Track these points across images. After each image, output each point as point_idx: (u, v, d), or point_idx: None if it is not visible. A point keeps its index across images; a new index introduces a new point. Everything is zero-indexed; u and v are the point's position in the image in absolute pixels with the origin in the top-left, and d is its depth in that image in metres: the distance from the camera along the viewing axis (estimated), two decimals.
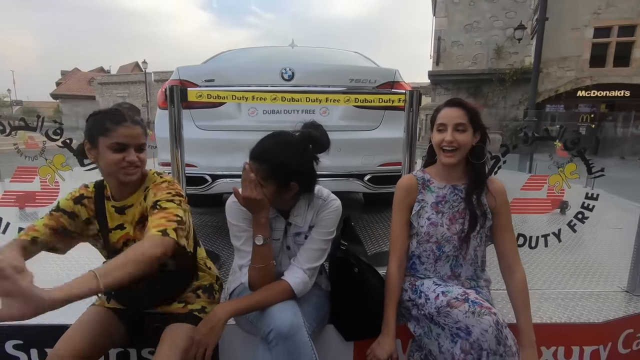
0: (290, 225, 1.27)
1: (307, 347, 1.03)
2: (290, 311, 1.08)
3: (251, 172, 1.12)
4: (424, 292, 1.24)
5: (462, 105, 1.26)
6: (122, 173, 1.10)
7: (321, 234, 1.23)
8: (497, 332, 1.01)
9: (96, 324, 1.14)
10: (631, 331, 1.51)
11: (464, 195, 1.31)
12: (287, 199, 1.19)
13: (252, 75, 2.20)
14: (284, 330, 1.02)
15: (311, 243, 1.23)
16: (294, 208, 1.25)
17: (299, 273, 1.18)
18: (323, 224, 1.24)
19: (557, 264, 2.00)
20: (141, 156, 1.13)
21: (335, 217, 1.26)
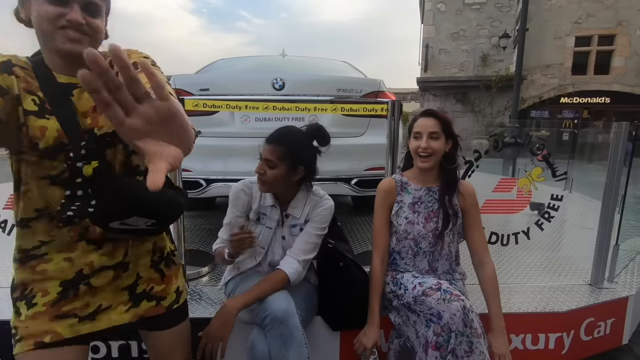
0: (288, 217, 1.40)
1: (299, 332, 1.15)
2: (284, 299, 1.20)
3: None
4: (403, 283, 1.37)
5: (435, 116, 1.41)
6: (60, 36, 0.78)
7: (315, 229, 1.37)
8: (464, 315, 1.14)
9: None
10: (592, 319, 1.66)
11: (437, 196, 1.45)
12: (292, 182, 1.35)
13: (245, 85, 2.32)
14: (278, 315, 1.14)
15: (306, 236, 1.36)
16: (293, 200, 1.39)
17: (294, 264, 1.31)
18: (317, 219, 1.38)
19: (530, 261, 2.16)
20: (92, 21, 0.81)
21: (328, 214, 1.41)
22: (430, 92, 17.55)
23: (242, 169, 1.91)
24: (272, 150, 1.28)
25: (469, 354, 1.12)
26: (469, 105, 16.89)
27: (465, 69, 16.81)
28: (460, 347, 1.12)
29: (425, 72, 17.34)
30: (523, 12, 7.22)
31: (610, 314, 1.71)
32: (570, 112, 18.01)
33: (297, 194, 1.41)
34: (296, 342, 1.13)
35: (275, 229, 1.40)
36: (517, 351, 1.57)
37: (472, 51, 16.54)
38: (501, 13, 15.95)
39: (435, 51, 17.05)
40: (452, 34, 16.72)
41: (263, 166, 1.30)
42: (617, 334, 1.76)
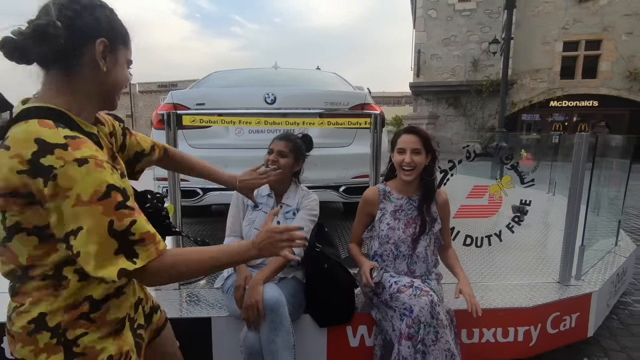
0: (282, 207, 1.66)
1: (287, 321, 1.32)
2: (276, 292, 1.37)
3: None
4: (382, 283, 1.52)
5: (417, 133, 1.57)
6: (116, 99, 0.88)
7: (307, 214, 1.68)
8: (431, 308, 1.29)
9: None
10: (558, 314, 1.81)
11: (417, 204, 1.61)
12: (291, 174, 1.71)
13: (239, 99, 2.47)
14: (270, 303, 1.31)
15: (299, 220, 1.65)
16: (286, 192, 1.72)
17: None
18: (307, 207, 1.70)
19: (506, 262, 2.32)
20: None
21: (316, 204, 1.74)
22: (423, 97, 17.82)
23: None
24: (285, 144, 1.65)
25: (435, 343, 1.27)
26: (460, 109, 17.17)
27: (457, 74, 17.11)
28: (428, 337, 1.27)
29: (417, 77, 17.61)
30: (507, 22, 7.44)
31: (575, 309, 1.86)
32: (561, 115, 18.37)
33: (290, 187, 1.73)
34: (284, 329, 1.29)
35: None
36: (489, 344, 1.73)
37: (463, 56, 16.85)
38: (490, 19, 16.28)
39: (427, 56, 17.33)
40: (444, 40, 17.02)
41: (277, 157, 1.64)
42: (582, 328, 1.91)
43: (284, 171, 1.62)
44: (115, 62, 0.80)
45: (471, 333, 1.72)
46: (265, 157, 1.68)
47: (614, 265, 2.29)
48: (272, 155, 1.65)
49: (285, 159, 1.65)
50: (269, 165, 1.60)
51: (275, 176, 1.43)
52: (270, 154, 1.66)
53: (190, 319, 1.64)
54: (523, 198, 1.93)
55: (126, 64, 0.85)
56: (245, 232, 1.68)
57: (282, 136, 1.71)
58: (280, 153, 1.65)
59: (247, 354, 1.33)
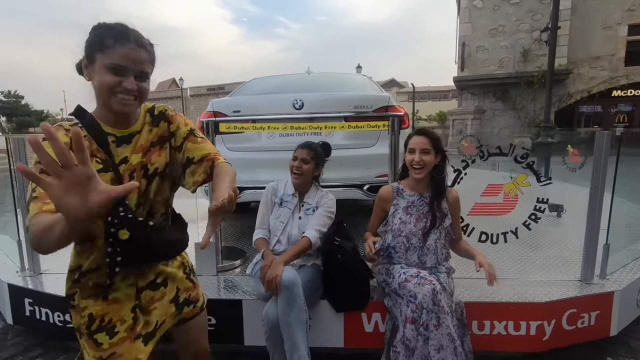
0: (303, 205, 1.93)
1: (300, 299, 1.52)
2: (293, 274, 1.59)
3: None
4: (393, 273, 1.66)
5: (426, 134, 1.70)
6: (115, 101, 0.95)
7: (325, 211, 1.89)
8: (433, 296, 1.41)
9: None
10: (574, 311, 1.83)
11: (428, 201, 1.73)
12: (312, 177, 1.95)
13: (270, 105, 2.71)
14: (286, 283, 1.52)
15: (319, 215, 1.87)
16: (307, 193, 1.96)
17: (313, 232, 1.79)
18: (325, 205, 1.91)
19: (530, 258, 2.34)
20: (142, 85, 0.97)
21: (333, 203, 1.93)
22: (468, 91, 17.18)
23: (269, 178, 2.26)
24: (307, 152, 1.90)
25: (437, 327, 1.39)
26: (509, 102, 16.32)
27: (505, 66, 16.27)
28: (431, 322, 1.40)
29: (462, 70, 17.00)
30: (554, 13, 7.03)
31: (594, 307, 1.87)
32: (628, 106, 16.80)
33: (311, 188, 1.96)
34: (297, 306, 1.49)
35: (294, 211, 1.90)
36: (500, 336, 1.80)
37: (512, 47, 15.98)
38: (542, 5, 15.25)
39: (472, 49, 16.67)
40: (490, 30, 16.26)
41: (300, 163, 1.88)
42: (604, 326, 1.90)
43: (305, 175, 1.90)
44: (94, 71, 0.94)
45: (482, 325, 1.80)
46: (290, 162, 1.92)
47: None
48: (296, 162, 1.90)
49: (307, 165, 1.89)
50: (294, 171, 1.90)
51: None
52: (295, 161, 1.91)
53: (225, 300, 1.90)
54: (540, 196, 1.96)
55: (106, 67, 0.92)
56: (272, 225, 1.91)
57: (304, 145, 1.95)
58: (303, 160, 1.89)
59: (268, 327, 1.55)
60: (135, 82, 0.96)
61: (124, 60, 0.93)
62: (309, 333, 1.53)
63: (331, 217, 1.88)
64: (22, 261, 2.26)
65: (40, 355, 2.03)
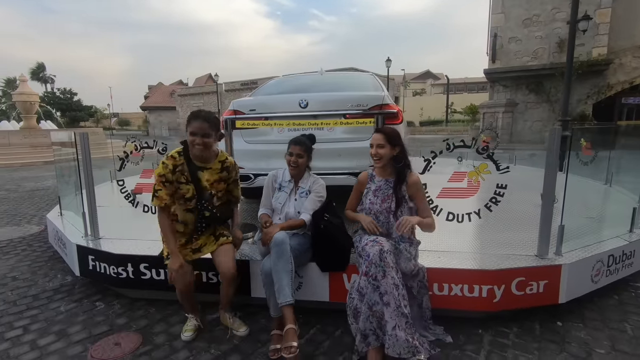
0: (299, 188, 2.34)
1: (287, 252, 1.99)
2: (284, 234, 2.05)
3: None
4: (361, 241, 2.09)
5: (381, 132, 2.10)
6: (193, 148, 2.02)
7: (315, 195, 2.33)
8: (380, 254, 1.83)
9: (189, 271, 2.05)
10: (522, 279, 2.17)
11: (392, 185, 2.13)
12: (306, 164, 2.36)
13: (280, 105, 3.18)
14: (277, 240, 2.00)
15: (311, 201, 2.32)
16: (302, 179, 2.38)
17: (306, 215, 2.26)
18: (316, 190, 2.35)
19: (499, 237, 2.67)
20: (206, 141, 1.99)
21: (322, 187, 2.37)
22: (500, 84, 16.82)
23: (279, 166, 2.72)
24: (300, 148, 2.29)
25: (383, 277, 1.81)
26: (543, 95, 15.84)
27: (539, 57, 15.78)
28: (378, 274, 1.82)
29: (493, 62, 16.66)
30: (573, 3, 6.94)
31: (542, 277, 2.19)
32: None
33: (304, 175, 2.38)
34: (284, 258, 1.97)
35: (290, 194, 2.35)
36: (457, 297, 2.18)
37: (547, 37, 15.46)
38: None
39: (504, 40, 16.28)
40: (524, 21, 15.80)
41: (296, 158, 2.28)
42: (552, 294, 2.22)
43: (301, 167, 2.33)
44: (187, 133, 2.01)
45: (442, 287, 2.19)
46: (287, 157, 2.33)
47: (607, 247, 2.48)
48: (292, 157, 2.29)
49: (302, 159, 2.31)
50: (292, 164, 2.30)
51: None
52: (292, 156, 2.30)
53: (240, 260, 2.41)
54: (499, 182, 2.30)
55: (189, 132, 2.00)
56: (274, 205, 2.38)
57: (297, 141, 2.33)
58: (298, 155, 2.30)
59: (263, 275, 2.04)
60: (202, 139, 1.99)
61: (194, 129, 1.99)
62: (293, 281, 2.00)
63: (321, 200, 2.33)
64: (85, 228, 2.90)
65: (100, 299, 2.66)
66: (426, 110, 45.79)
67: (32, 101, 16.22)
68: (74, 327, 2.30)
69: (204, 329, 2.24)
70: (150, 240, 2.75)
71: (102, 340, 2.15)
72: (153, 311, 2.48)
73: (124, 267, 2.51)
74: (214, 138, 2.05)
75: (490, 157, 2.25)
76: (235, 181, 2.28)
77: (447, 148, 2.29)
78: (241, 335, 2.14)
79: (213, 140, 2.04)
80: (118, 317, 2.41)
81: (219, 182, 2.18)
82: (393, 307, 1.78)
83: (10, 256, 3.61)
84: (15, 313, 2.50)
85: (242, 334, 2.14)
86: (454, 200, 2.39)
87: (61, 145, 3.38)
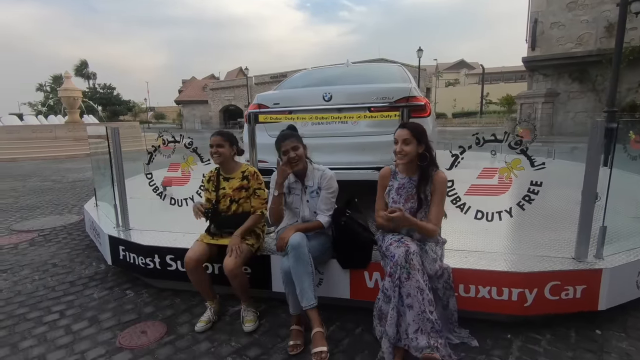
0: (307, 188, 2.25)
1: (306, 256, 1.95)
2: (299, 236, 2.01)
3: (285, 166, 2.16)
4: (385, 239, 2.03)
5: (407, 127, 2.00)
6: (212, 157, 2.36)
7: (327, 193, 2.23)
8: (405, 255, 1.76)
9: (202, 248, 2.22)
10: (557, 283, 2.02)
11: (416, 184, 2.04)
12: (306, 155, 2.23)
13: (303, 98, 3.15)
14: (294, 243, 1.96)
15: (324, 200, 2.22)
16: (307, 176, 2.25)
17: (324, 217, 2.20)
18: (326, 186, 2.22)
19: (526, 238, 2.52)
20: (219, 150, 2.30)
21: (332, 181, 2.24)
22: (540, 72, 15.88)
23: None
24: (292, 140, 2.19)
25: (407, 280, 1.74)
26: (588, 84, 14.80)
27: (584, 43, 14.72)
28: (403, 276, 1.75)
29: (532, 50, 15.73)
30: None
31: (579, 281, 2.03)
32: None
33: (307, 169, 2.25)
34: (303, 261, 1.93)
35: (302, 196, 2.26)
36: (484, 299, 2.07)
37: (594, 21, 14.36)
38: None
39: (545, 26, 15.31)
40: (568, 4, 14.76)
41: (293, 152, 2.16)
42: (591, 300, 2.06)
43: (302, 160, 2.19)
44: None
45: (468, 288, 2.09)
46: (283, 159, 2.18)
47: None
48: (290, 154, 2.15)
49: (299, 151, 2.18)
50: (292, 162, 2.15)
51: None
52: (287, 154, 2.15)
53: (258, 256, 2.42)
54: (534, 179, 2.15)
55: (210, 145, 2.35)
56: (291, 210, 2.34)
57: (287, 135, 2.22)
58: (294, 148, 2.16)
59: (283, 275, 2.02)
60: (216, 149, 2.31)
61: (211, 142, 2.32)
62: (314, 281, 1.98)
63: (334, 195, 2.25)
64: (117, 219, 3.02)
65: (130, 288, 2.77)
66: (459, 102, 44.25)
67: (75, 96, 17.17)
68: (105, 314, 2.41)
69: (226, 320, 2.27)
70: (177, 232, 2.83)
71: (130, 328, 2.23)
72: (178, 301, 2.55)
73: (152, 258, 2.59)
74: (228, 149, 2.34)
75: (525, 152, 2.11)
76: (255, 191, 2.37)
77: (477, 143, 2.16)
78: (246, 331, 2.14)
79: (227, 150, 2.33)
80: (146, 306, 2.50)
81: (240, 190, 2.36)
82: (417, 311, 1.71)
83: (52, 243, 3.85)
84: (54, 298, 2.65)
85: (247, 329, 2.14)
86: (484, 197, 2.26)
87: (97, 138, 3.53)
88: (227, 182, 2.38)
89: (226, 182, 2.39)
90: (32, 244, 3.86)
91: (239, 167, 2.41)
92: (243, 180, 2.37)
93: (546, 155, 6.64)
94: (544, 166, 2.12)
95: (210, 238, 2.30)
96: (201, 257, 2.19)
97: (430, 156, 2.02)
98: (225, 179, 2.39)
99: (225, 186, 2.37)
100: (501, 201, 2.27)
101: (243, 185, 2.36)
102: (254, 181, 2.37)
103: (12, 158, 13.06)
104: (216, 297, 2.34)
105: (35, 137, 14.92)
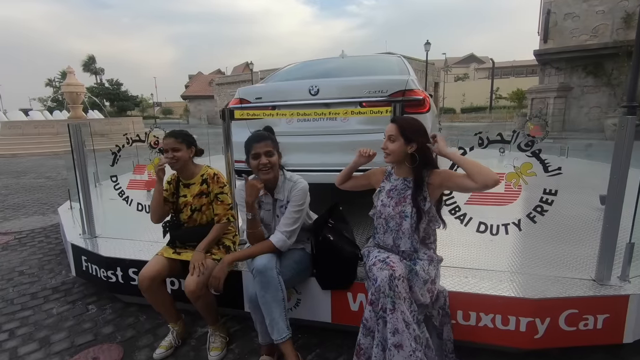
0: (277, 201, 1.90)
1: (275, 280, 1.64)
2: (266, 258, 1.69)
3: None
4: (369, 256, 1.72)
5: (395, 122, 1.68)
6: (169, 165, 1.99)
7: (293, 207, 1.83)
8: (389, 281, 1.44)
9: (160, 263, 1.93)
10: (575, 311, 1.70)
11: (411, 185, 1.71)
12: (278, 164, 1.86)
13: (287, 92, 2.83)
14: (259, 268, 1.65)
15: (287, 214, 1.84)
16: (276, 187, 1.89)
17: (278, 235, 1.81)
18: (294, 200, 1.84)
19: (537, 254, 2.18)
20: (176, 155, 1.96)
21: (302, 193, 1.86)
22: (552, 66, 15.26)
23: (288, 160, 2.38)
24: (267, 144, 1.81)
25: (392, 312, 1.43)
26: (603, 78, 14.17)
27: (600, 35, 14.07)
28: (387, 306, 1.44)
29: (545, 42, 15.11)
30: None
31: (601, 310, 1.71)
32: None
33: (278, 181, 1.88)
34: (272, 287, 1.63)
35: (273, 210, 1.92)
36: (486, 328, 1.76)
37: (610, 11, 13.71)
38: None
39: (559, 17, 14.68)
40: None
41: (267, 159, 1.79)
42: (615, 332, 1.73)
43: (275, 168, 1.82)
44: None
45: (467, 315, 1.77)
46: (253, 163, 1.81)
47: None
48: (261, 159, 1.77)
49: (273, 157, 1.81)
50: (263, 169, 1.78)
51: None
52: (257, 159, 1.78)
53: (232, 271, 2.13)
54: (547, 187, 1.82)
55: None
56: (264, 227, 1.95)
57: (261, 137, 1.83)
58: (267, 153, 1.78)
59: (248, 302, 1.74)
60: (172, 154, 1.96)
61: (165, 145, 1.99)
62: (287, 307, 1.68)
63: (301, 212, 1.86)
64: (82, 226, 2.76)
65: (94, 302, 2.51)
66: (468, 96, 43.36)
67: (78, 92, 17.06)
68: (58, 334, 2.15)
69: (191, 344, 1.99)
70: (145, 241, 2.56)
71: (80, 353, 1.97)
72: (143, 319, 2.28)
73: (113, 271, 2.32)
74: (186, 152, 2.01)
75: (537, 155, 1.77)
76: (217, 197, 2.03)
77: (480, 144, 1.83)
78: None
79: (184, 153, 2.00)
80: (106, 325, 2.23)
81: (200, 197, 2.06)
82: (407, 352, 1.40)
83: (25, 248, 3.61)
84: (8, 313, 2.40)
85: (213, 358, 1.86)
86: (487, 207, 1.94)
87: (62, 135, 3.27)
88: (187, 188, 2.08)
89: (186, 188, 2.08)
90: (5, 247, 3.63)
91: (199, 171, 2.09)
92: (202, 185, 2.05)
93: (559, 153, 6.22)
94: (560, 172, 1.78)
95: (172, 252, 2.00)
96: (159, 275, 1.90)
97: (425, 158, 1.69)
98: (186, 185, 2.08)
99: (187, 193, 2.07)
100: (508, 212, 1.95)
101: (203, 190, 2.05)
102: (215, 185, 2.03)
103: (13, 154, 13.00)
104: (180, 317, 2.06)
105: (38, 132, 14.85)
